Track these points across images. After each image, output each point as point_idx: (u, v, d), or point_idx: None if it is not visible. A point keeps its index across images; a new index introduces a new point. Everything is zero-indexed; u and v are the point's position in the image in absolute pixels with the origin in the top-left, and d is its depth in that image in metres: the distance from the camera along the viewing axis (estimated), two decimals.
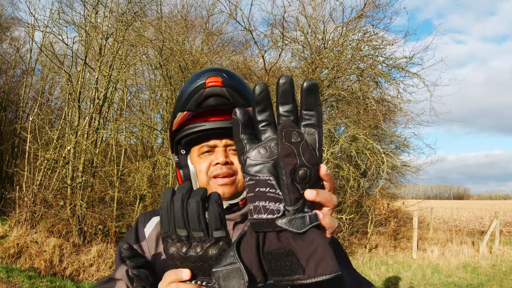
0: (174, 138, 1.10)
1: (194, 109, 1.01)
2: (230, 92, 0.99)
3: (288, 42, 9.29)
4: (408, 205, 12.56)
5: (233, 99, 0.99)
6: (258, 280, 0.62)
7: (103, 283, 1.01)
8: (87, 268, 6.90)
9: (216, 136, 1.03)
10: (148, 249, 1.06)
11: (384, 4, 8.60)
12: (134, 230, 1.11)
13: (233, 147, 1.03)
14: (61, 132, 9.00)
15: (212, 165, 1.03)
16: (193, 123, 1.04)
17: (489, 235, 10.37)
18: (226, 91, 0.98)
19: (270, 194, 0.60)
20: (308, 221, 0.58)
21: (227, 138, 1.03)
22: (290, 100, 0.62)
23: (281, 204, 0.59)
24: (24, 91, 13.05)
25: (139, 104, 10.63)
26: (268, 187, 0.60)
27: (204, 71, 1.02)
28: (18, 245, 7.24)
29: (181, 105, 1.02)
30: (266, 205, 0.60)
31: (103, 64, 8.79)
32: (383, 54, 8.92)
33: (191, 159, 1.10)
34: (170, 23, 9.13)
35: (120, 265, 1.01)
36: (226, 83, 0.98)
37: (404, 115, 9.36)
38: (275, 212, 0.59)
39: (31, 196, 8.15)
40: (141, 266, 0.88)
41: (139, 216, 1.15)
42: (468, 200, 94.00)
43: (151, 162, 8.15)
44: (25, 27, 12.63)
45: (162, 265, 0.95)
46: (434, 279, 7.73)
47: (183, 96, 1.02)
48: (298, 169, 0.59)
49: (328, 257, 0.56)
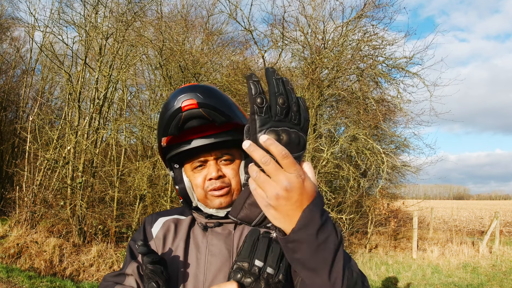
0: (165, 156, 1.14)
1: (176, 133, 1.03)
2: (207, 112, 1.00)
3: (288, 42, 9.29)
4: (408, 205, 12.55)
5: (212, 117, 1.00)
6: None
7: (113, 277, 1.04)
8: (87, 268, 6.90)
9: (205, 151, 1.06)
10: (156, 248, 1.10)
11: (384, 4, 8.61)
12: (142, 230, 1.16)
13: (223, 158, 1.07)
14: (61, 132, 9.00)
15: (206, 180, 1.07)
16: (179, 143, 1.07)
17: (489, 235, 10.37)
18: (203, 111, 0.99)
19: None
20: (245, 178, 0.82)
21: (216, 150, 1.06)
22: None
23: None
24: (24, 91, 13.05)
25: (139, 104, 10.63)
26: None
27: (178, 92, 1.02)
28: (18, 245, 7.24)
29: (163, 130, 1.04)
30: None
31: (103, 64, 8.79)
32: (383, 54, 8.92)
33: (185, 172, 1.14)
34: (170, 23, 9.13)
35: (130, 262, 1.05)
36: (201, 104, 0.99)
37: (404, 115, 9.36)
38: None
39: (31, 196, 8.15)
40: (156, 262, 0.92)
41: (146, 217, 1.20)
42: (468, 200, 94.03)
43: (151, 162, 8.15)
44: (25, 27, 12.64)
45: (169, 263, 1.02)
46: (434, 279, 7.73)
47: (163, 122, 1.03)
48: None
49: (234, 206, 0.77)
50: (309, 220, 0.66)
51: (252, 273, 0.83)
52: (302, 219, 0.66)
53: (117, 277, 1.04)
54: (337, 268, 0.69)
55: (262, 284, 0.82)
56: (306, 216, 0.66)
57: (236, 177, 1.08)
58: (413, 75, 8.83)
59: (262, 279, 0.83)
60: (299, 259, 0.69)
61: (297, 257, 0.69)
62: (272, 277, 0.83)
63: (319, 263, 0.68)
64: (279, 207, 0.65)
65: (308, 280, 0.70)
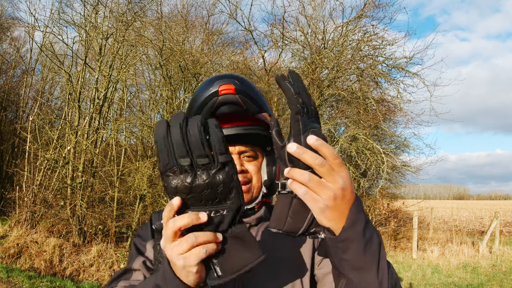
0: None
1: (208, 117, 1.01)
2: (243, 99, 0.98)
3: (288, 42, 9.29)
4: (408, 205, 12.55)
5: (246, 105, 0.99)
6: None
7: (119, 275, 1.02)
8: (87, 268, 6.90)
9: (230, 142, 1.02)
10: None
11: (384, 4, 8.61)
12: (148, 227, 1.14)
13: (247, 154, 1.04)
14: (61, 132, 9.00)
15: None
16: None
17: (489, 235, 10.37)
18: (239, 98, 0.98)
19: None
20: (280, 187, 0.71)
21: (241, 144, 1.03)
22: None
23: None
24: (24, 91, 13.05)
25: (139, 104, 10.63)
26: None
27: (216, 78, 1.01)
28: (18, 245, 7.24)
29: (194, 113, 1.02)
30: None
31: (103, 64, 8.79)
32: (383, 54, 8.93)
33: None
34: (170, 23, 9.13)
35: (137, 257, 1.03)
36: (239, 90, 0.98)
37: (404, 115, 9.37)
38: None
39: (31, 196, 8.15)
40: None
41: (152, 214, 1.18)
42: (468, 200, 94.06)
43: (151, 162, 8.15)
44: (25, 27, 12.65)
45: None
46: (434, 279, 7.73)
47: (196, 104, 1.01)
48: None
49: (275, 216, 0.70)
50: (356, 217, 0.67)
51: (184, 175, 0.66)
52: (350, 216, 0.66)
53: (123, 274, 1.01)
54: (383, 266, 0.70)
55: (202, 180, 0.66)
56: (354, 214, 0.67)
57: (258, 174, 1.05)
58: (413, 75, 8.84)
59: (200, 173, 0.67)
60: (348, 259, 0.69)
61: (347, 257, 0.69)
62: (211, 164, 0.66)
63: (367, 261, 0.69)
64: (336, 208, 0.65)
65: (356, 279, 0.70)
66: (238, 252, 0.70)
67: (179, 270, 0.70)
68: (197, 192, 0.68)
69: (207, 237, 0.69)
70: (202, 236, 0.68)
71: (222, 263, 0.70)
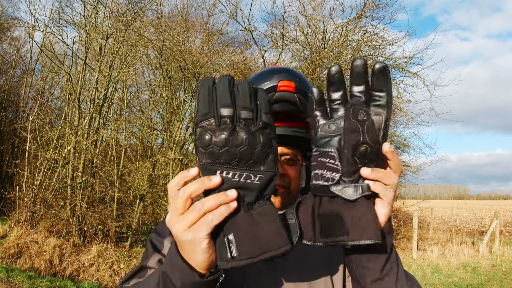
0: None
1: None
2: (301, 99, 0.90)
3: (288, 42, 9.29)
4: (408, 205, 12.55)
5: (303, 106, 0.90)
6: (307, 238, 0.66)
7: (134, 273, 0.95)
8: (87, 268, 6.90)
9: None
10: None
11: (384, 4, 8.61)
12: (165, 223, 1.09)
13: (287, 157, 0.96)
14: (61, 132, 9.00)
15: None
16: None
17: (489, 235, 10.37)
18: (297, 98, 0.91)
19: (329, 164, 0.66)
20: (360, 191, 0.64)
21: (284, 146, 0.95)
22: (362, 81, 0.67)
23: (338, 173, 0.66)
24: (24, 91, 13.05)
25: (139, 104, 10.63)
26: (329, 158, 0.67)
27: (276, 71, 0.94)
28: (18, 245, 7.24)
29: None
30: (323, 173, 0.67)
31: (103, 64, 8.79)
32: (383, 54, 8.93)
33: None
34: (170, 23, 9.13)
35: (153, 254, 0.95)
36: (298, 89, 0.91)
37: (404, 115, 9.37)
38: (330, 180, 0.66)
39: (31, 196, 8.15)
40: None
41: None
42: (468, 200, 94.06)
43: (151, 162, 8.15)
44: (25, 27, 12.64)
45: None
46: (434, 279, 7.72)
47: None
48: (360, 145, 0.64)
49: (372, 226, 0.62)
50: (390, 224, 0.69)
51: (222, 127, 0.60)
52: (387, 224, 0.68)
53: (139, 272, 0.93)
54: (401, 275, 0.70)
55: (242, 135, 0.60)
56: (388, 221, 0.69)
57: (297, 180, 0.97)
58: (413, 75, 8.85)
59: (239, 129, 0.61)
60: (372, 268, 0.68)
61: (371, 265, 0.68)
62: (253, 121, 0.62)
63: (388, 270, 0.69)
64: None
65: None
66: (262, 233, 0.59)
67: (188, 250, 0.62)
68: (232, 147, 0.60)
69: (215, 200, 0.59)
70: (210, 200, 0.59)
71: (240, 241, 0.59)
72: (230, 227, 0.59)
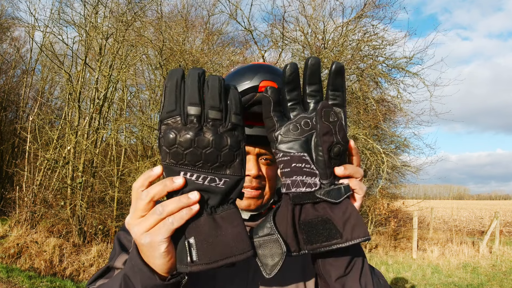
0: None
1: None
2: None
3: (288, 42, 9.29)
4: (408, 205, 12.55)
5: None
6: (292, 250, 0.65)
7: (100, 274, 0.93)
8: (87, 268, 6.90)
9: (250, 142, 0.92)
10: None
11: (384, 4, 8.61)
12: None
13: (265, 156, 0.95)
14: (61, 132, 9.00)
15: None
16: None
17: (489, 235, 10.37)
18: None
19: (306, 169, 0.65)
20: (343, 191, 0.65)
21: (261, 146, 0.93)
22: (317, 80, 0.67)
23: (316, 178, 0.65)
24: (24, 91, 13.05)
25: (139, 104, 10.63)
26: (303, 162, 0.65)
27: (257, 69, 0.90)
28: (18, 245, 7.24)
29: None
30: (303, 179, 0.65)
31: (103, 64, 8.80)
32: (383, 54, 8.93)
33: None
34: (170, 23, 9.13)
35: (120, 254, 0.93)
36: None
37: (404, 115, 9.37)
38: (313, 186, 0.65)
39: (31, 196, 8.15)
40: None
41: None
42: (468, 200, 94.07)
43: (151, 162, 8.15)
44: (25, 27, 12.64)
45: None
46: (434, 279, 7.72)
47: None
48: (334, 146, 0.65)
49: (361, 222, 0.63)
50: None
51: (188, 126, 0.58)
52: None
53: (105, 273, 0.91)
54: (365, 271, 0.71)
55: (208, 136, 0.58)
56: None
57: (273, 181, 0.95)
58: (413, 75, 8.84)
59: (206, 129, 0.58)
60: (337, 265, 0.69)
61: (337, 263, 0.69)
62: (221, 122, 0.59)
63: (353, 266, 0.70)
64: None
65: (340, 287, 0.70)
66: (224, 237, 0.58)
67: (147, 253, 0.60)
68: (198, 148, 0.58)
69: (177, 204, 0.57)
70: (170, 203, 0.58)
71: (201, 246, 0.57)
72: (192, 230, 0.58)
